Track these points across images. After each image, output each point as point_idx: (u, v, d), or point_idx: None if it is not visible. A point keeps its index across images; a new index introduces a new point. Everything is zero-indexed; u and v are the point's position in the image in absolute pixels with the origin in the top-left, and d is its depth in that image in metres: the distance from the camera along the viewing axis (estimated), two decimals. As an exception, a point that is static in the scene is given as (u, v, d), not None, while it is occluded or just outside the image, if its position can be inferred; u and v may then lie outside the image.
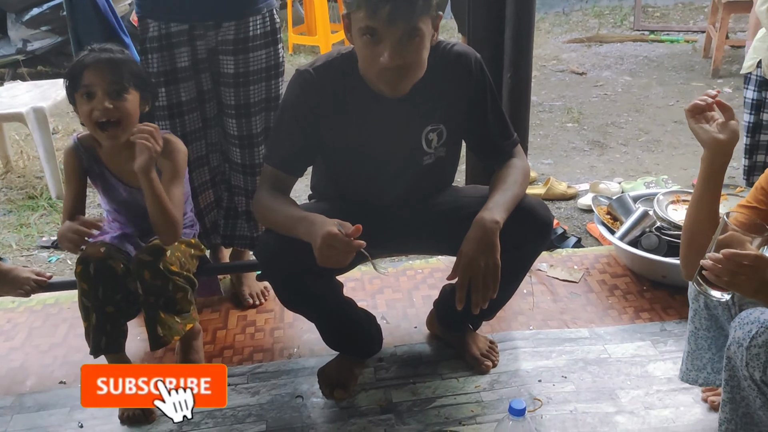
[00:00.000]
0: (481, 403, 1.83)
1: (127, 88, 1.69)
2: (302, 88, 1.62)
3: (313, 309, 1.76)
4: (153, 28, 1.92)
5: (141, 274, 1.69)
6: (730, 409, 1.52)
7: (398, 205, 1.75)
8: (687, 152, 3.76)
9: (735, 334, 1.42)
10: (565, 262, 2.45)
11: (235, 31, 1.98)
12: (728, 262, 1.24)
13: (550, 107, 4.43)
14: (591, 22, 6.46)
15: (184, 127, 2.02)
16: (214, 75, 2.04)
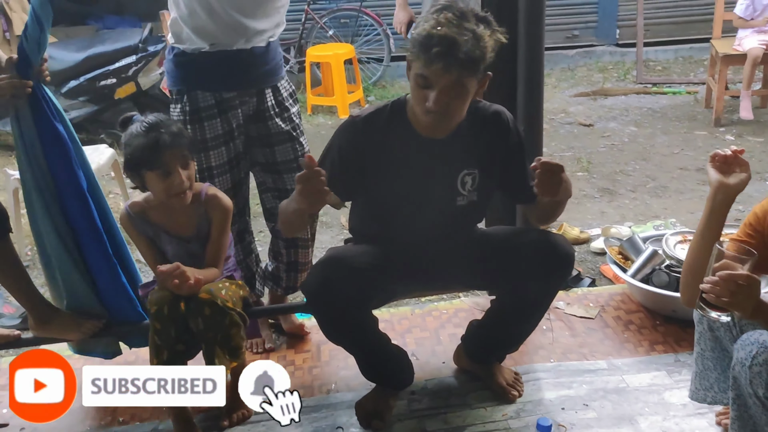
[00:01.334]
0: (509, 430, 1.96)
1: (190, 157, 1.92)
2: (351, 133, 1.83)
3: (354, 341, 1.93)
4: (206, 97, 2.14)
5: (202, 310, 1.88)
6: (739, 426, 1.65)
7: (433, 245, 1.92)
8: (693, 197, 3.94)
9: (738, 355, 1.58)
10: (581, 300, 2.61)
11: (255, 104, 2.23)
12: (725, 282, 1.41)
13: (560, 158, 4.64)
14: (596, 76, 6.74)
15: (236, 177, 2.25)
16: (246, 141, 2.28)
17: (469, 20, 1.61)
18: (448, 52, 1.58)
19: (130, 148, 1.88)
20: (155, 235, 2.02)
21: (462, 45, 1.58)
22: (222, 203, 2.02)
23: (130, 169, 1.91)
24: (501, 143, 1.87)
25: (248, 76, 2.17)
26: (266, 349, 2.41)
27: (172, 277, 1.84)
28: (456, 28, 1.59)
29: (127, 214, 2.00)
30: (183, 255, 2.03)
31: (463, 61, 1.59)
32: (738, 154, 1.63)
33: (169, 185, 1.89)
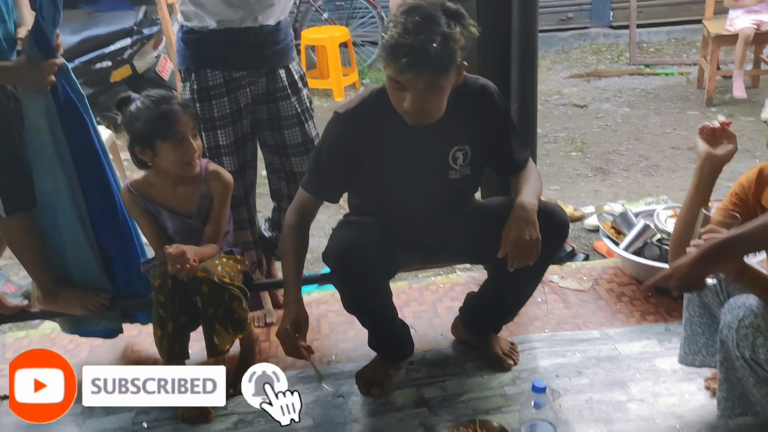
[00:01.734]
0: (505, 396, 2.03)
1: (197, 127, 1.96)
2: (342, 128, 1.85)
3: (371, 310, 1.98)
4: (215, 76, 2.16)
5: (199, 288, 1.92)
6: (726, 388, 1.72)
7: (431, 219, 1.97)
8: (685, 175, 4.00)
9: (725, 318, 1.64)
10: (574, 274, 2.67)
11: (265, 84, 2.25)
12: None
13: (555, 138, 4.70)
14: (589, 58, 6.77)
15: (242, 158, 2.28)
16: (253, 121, 2.31)
17: (437, 22, 1.58)
18: (418, 60, 1.57)
19: (140, 123, 1.90)
20: (156, 211, 2.06)
21: (431, 52, 1.56)
22: (223, 178, 2.06)
23: (142, 142, 1.93)
24: (488, 118, 1.89)
25: (258, 55, 2.19)
26: (267, 324, 2.46)
27: (176, 261, 1.88)
28: (423, 34, 1.57)
29: (128, 191, 2.04)
30: (184, 231, 2.07)
31: (434, 66, 1.59)
32: (725, 127, 1.68)
33: (183, 153, 1.92)
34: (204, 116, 2.17)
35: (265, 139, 2.35)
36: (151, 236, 2.04)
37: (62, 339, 2.47)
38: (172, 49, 5.79)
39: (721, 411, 1.75)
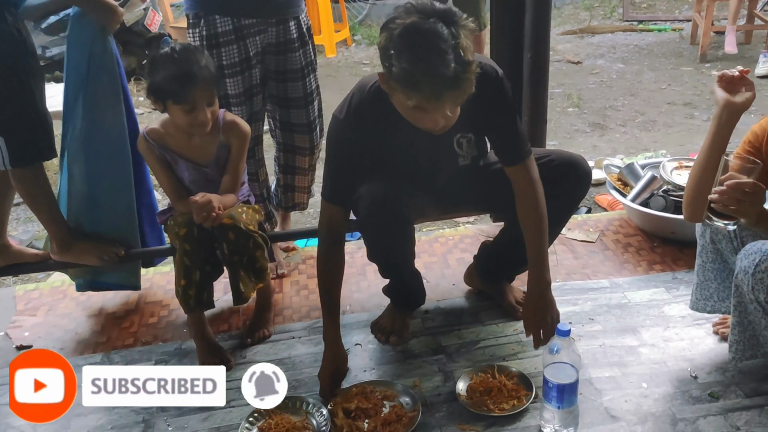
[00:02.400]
0: (521, 343, 2.07)
1: (216, 94, 1.92)
2: (344, 135, 1.81)
3: (397, 257, 1.99)
4: (224, 23, 2.12)
5: (226, 235, 1.92)
6: (739, 331, 1.77)
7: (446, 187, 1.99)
8: (682, 130, 4.04)
9: (741, 263, 1.68)
10: (581, 226, 2.70)
11: (275, 35, 2.22)
12: (732, 191, 1.50)
13: (551, 94, 4.64)
14: (582, 14, 6.75)
15: (252, 108, 2.25)
16: (261, 71, 2.28)
17: (441, 37, 1.49)
18: (441, 87, 1.51)
19: (159, 75, 1.85)
20: (173, 161, 2.03)
21: (450, 74, 1.49)
22: (240, 129, 2.04)
23: (154, 95, 1.89)
24: (493, 105, 1.82)
25: (269, 3, 2.16)
26: (279, 275, 2.48)
27: (203, 209, 1.86)
28: (436, 58, 1.48)
29: (145, 140, 2.01)
30: (201, 181, 2.05)
31: (458, 86, 1.53)
32: (744, 74, 1.69)
33: (193, 120, 1.89)
34: (241, 57, 2.15)
35: (270, 89, 2.34)
36: (168, 186, 2.02)
37: (73, 291, 2.46)
38: (161, 1, 5.65)
39: (733, 353, 1.80)
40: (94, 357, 2.12)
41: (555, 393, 1.67)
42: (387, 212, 1.83)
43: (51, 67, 5.42)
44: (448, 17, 1.53)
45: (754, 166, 1.57)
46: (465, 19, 1.56)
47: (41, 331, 2.26)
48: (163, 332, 2.23)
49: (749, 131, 1.79)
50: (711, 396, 1.82)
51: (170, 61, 1.85)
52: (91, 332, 2.25)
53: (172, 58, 1.85)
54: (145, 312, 2.34)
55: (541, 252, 1.88)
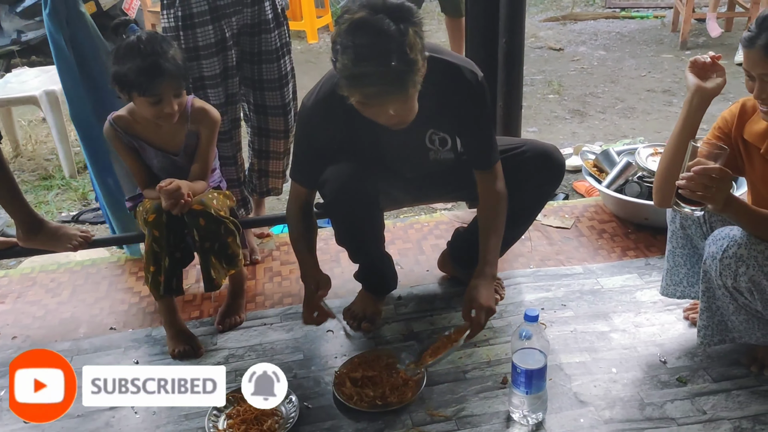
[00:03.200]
0: (493, 329, 2.07)
1: (184, 86, 1.88)
2: (313, 120, 1.80)
3: (364, 240, 1.99)
4: (199, 3, 2.08)
5: (197, 221, 1.89)
6: (707, 317, 1.78)
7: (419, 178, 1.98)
8: (660, 117, 4.05)
9: (709, 249, 1.68)
10: (557, 212, 2.70)
11: (250, 15, 2.19)
12: (700, 177, 1.50)
13: (532, 81, 4.68)
14: (565, 1, 6.73)
15: (227, 90, 2.23)
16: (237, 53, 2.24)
17: (386, 34, 1.47)
18: (382, 86, 1.49)
19: (124, 66, 1.80)
20: (141, 148, 2.00)
21: (392, 73, 1.47)
22: (210, 116, 2.01)
23: (119, 84, 1.84)
24: (468, 109, 1.80)
25: None
26: (252, 261, 2.46)
27: (172, 196, 1.83)
28: (379, 56, 1.46)
29: (112, 127, 1.96)
30: (170, 169, 2.02)
31: (400, 84, 1.51)
32: (715, 60, 1.69)
33: (158, 112, 1.85)
34: (188, 45, 2.10)
35: (244, 71, 2.31)
36: (137, 172, 1.99)
37: (43, 278, 2.43)
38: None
39: (701, 338, 1.81)
40: (63, 344, 2.09)
41: (523, 378, 1.67)
42: (353, 193, 1.83)
43: (26, 52, 5.34)
44: (397, 13, 1.50)
45: (722, 152, 1.57)
46: (417, 16, 1.53)
47: (9, 319, 2.23)
48: (133, 319, 2.20)
49: (719, 117, 1.79)
50: (679, 380, 1.83)
51: (136, 52, 1.80)
52: (60, 319, 2.22)
53: (138, 49, 1.80)
54: (115, 299, 2.31)
55: (491, 248, 1.89)
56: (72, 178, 3.55)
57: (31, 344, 2.10)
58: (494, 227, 1.90)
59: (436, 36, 5.89)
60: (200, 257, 1.95)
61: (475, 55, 2.42)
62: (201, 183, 2.01)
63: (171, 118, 1.88)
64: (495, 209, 1.89)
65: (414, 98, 1.62)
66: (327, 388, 1.86)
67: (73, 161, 3.59)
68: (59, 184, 3.50)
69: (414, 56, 1.51)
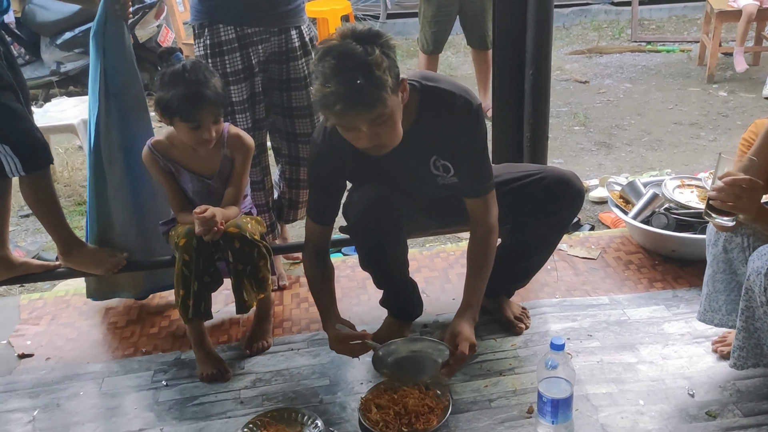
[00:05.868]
0: (518, 358, 2.07)
1: (221, 114, 1.96)
2: (322, 158, 1.86)
3: (389, 264, 2.01)
4: (227, 31, 2.18)
5: (232, 243, 1.95)
6: (744, 337, 1.75)
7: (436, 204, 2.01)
8: (687, 150, 4.04)
9: (754, 264, 1.66)
10: (583, 243, 2.70)
11: (277, 44, 2.26)
12: (730, 187, 1.52)
13: (557, 113, 4.71)
14: (590, 35, 6.78)
15: (255, 116, 2.30)
16: (264, 81, 2.32)
17: (352, 56, 1.54)
18: (349, 102, 1.54)
19: (168, 92, 1.88)
20: (177, 172, 2.06)
21: (357, 89, 1.53)
22: (244, 143, 2.07)
23: (162, 109, 1.92)
24: (464, 137, 1.83)
25: (270, 12, 2.21)
26: (280, 287, 2.49)
27: (206, 223, 1.88)
28: (343, 74, 1.53)
29: (150, 151, 2.04)
30: (204, 192, 2.08)
31: (367, 101, 1.56)
32: None
33: (198, 137, 1.92)
34: (244, 65, 2.20)
35: (273, 99, 2.38)
36: (171, 197, 2.06)
37: (77, 300, 2.49)
38: (174, 18, 5.74)
39: (735, 360, 1.79)
40: (95, 366, 2.14)
41: (549, 408, 1.66)
42: (377, 216, 1.86)
43: (65, 82, 5.52)
44: (363, 36, 1.58)
45: (751, 163, 1.58)
46: (385, 38, 1.59)
47: (43, 340, 2.29)
48: (164, 342, 2.24)
49: (748, 129, 1.80)
50: (708, 415, 1.80)
51: (180, 79, 1.88)
52: (92, 341, 2.27)
53: (183, 77, 1.88)
54: (146, 322, 2.36)
55: (476, 290, 1.92)
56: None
57: (64, 365, 2.15)
58: (482, 265, 1.91)
59: (462, 68, 5.97)
60: (233, 279, 2.00)
61: (502, 88, 2.47)
62: (233, 209, 2.06)
63: (208, 143, 1.94)
64: (483, 243, 1.91)
65: (392, 120, 1.64)
66: (353, 413, 1.87)
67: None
68: (93, 210, 3.59)
69: (380, 74, 1.55)
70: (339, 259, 2.71)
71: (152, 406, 1.95)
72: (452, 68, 6.02)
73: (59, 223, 2.16)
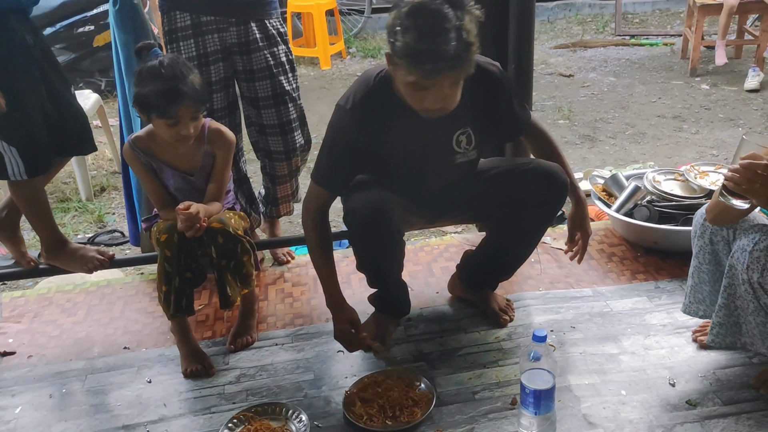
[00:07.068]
0: (502, 350, 2.08)
1: (201, 110, 1.94)
2: (348, 124, 1.83)
3: (387, 267, 2.02)
4: (183, 18, 2.19)
5: (215, 239, 1.94)
6: (724, 314, 1.78)
7: (438, 193, 2.01)
8: (670, 143, 4.07)
9: (739, 242, 1.67)
10: (566, 236, 2.71)
11: (236, 35, 2.27)
12: (746, 170, 1.52)
13: (542, 106, 4.73)
14: (575, 29, 6.81)
15: (212, 105, 2.29)
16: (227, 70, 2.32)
17: (446, 17, 1.55)
18: (442, 63, 1.56)
19: (144, 89, 1.86)
20: (158, 168, 2.05)
21: (452, 52, 1.55)
22: (225, 138, 2.06)
23: (139, 105, 1.90)
24: (492, 100, 1.88)
25: (228, 2, 2.22)
26: None
27: (189, 220, 1.87)
28: (440, 36, 1.54)
29: (130, 148, 2.02)
30: (186, 189, 2.07)
31: (459, 64, 1.59)
32: None
33: (176, 134, 1.90)
34: (198, 52, 2.22)
35: (242, 90, 2.39)
36: (153, 193, 2.04)
37: (59, 298, 2.48)
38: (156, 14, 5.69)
39: (713, 336, 1.82)
40: (78, 363, 2.13)
41: (532, 399, 1.67)
42: (378, 228, 1.86)
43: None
44: (455, 1, 1.59)
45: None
46: (471, 5, 1.63)
47: (26, 338, 2.27)
48: (147, 339, 2.23)
49: None
50: (689, 404, 1.82)
51: (157, 75, 1.86)
52: (75, 339, 2.26)
53: (159, 73, 1.86)
54: (130, 319, 2.35)
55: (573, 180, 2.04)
56: (89, 201, 3.62)
57: (46, 363, 2.14)
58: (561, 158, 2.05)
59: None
60: (216, 275, 1.99)
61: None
62: (216, 205, 2.05)
63: (187, 140, 1.93)
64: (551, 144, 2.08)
65: (461, 85, 1.68)
66: (337, 407, 1.87)
67: (90, 185, 3.66)
68: (76, 207, 3.56)
69: (470, 39, 1.59)
70: (324, 253, 2.70)
71: (136, 402, 1.94)
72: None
73: (49, 223, 2.15)
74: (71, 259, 2.17)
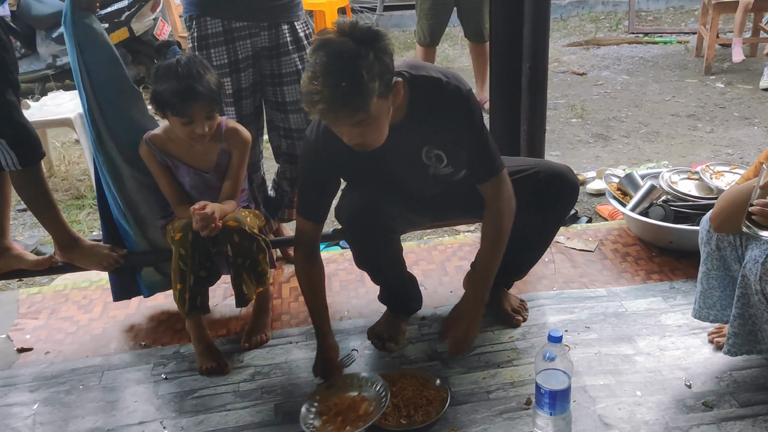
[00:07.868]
0: (516, 350, 2.08)
1: (217, 109, 1.95)
2: (313, 152, 1.83)
3: (382, 263, 2.01)
4: (214, 24, 2.18)
5: (231, 237, 1.95)
6: (739, 324, 1.77)
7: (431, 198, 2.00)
8: (684, 141, 4.04)
9: (752, 253, 1.67)
10: (580, 235, 2.71)
11: (268, 39, 2.26)
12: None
13: (555, 105, 4.71)
14: (588, 26, 6.77)
15: (241, 111, 2.29)
16: (255, 75, 2.32)
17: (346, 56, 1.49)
18: (331, 105, 1.51)
19: (161, 86, 1.88)
20: (174, 166, 2.06)
21: (341, 94, 1.49)
22: (242, 137, 2.07)
23: (155, 103, 1.92)
24: (458, 125, 1.81)
25: (258, 7, 2.21)
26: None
27: (204, 220, 1.88)
28: (331, 76, 1.48)
29: (147, 145, 2.04)
30: (201, 186, 2.08)
31: (350, 106, 1.52)
32: None
33: (190, 132, 1.92)
34: (230, 59, 2.20)
35: (267, 94, 2.37)
36: (169, 191, 2.05)
37: (75, 294, 2.50)
38: (170, 11, 5.73)
39: (729, 346, 1.81)
40: (94, 359, 2.15)
41: (547, 399, 1.67)
42: (367, 221, 1.86)
43: (61, 76, 5.50)
44: (362, 36, 1.52)
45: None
46: (383, 41, 1.55)
47: (42, 334, 2.29)
48: (163, 335, 2.25)
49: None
50: (705, 405, 1.82)
51: (173, 73, 1.87)
52: (92, 335, 2.28)
53: (176, 72, 1.87)
54: (146, 315, 2.36)
55: (488, 269, 1.90)
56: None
57: (63, 359, 2.16)
58: (493, 242, 1.87)
59: (459, 61, 5.96)
60: (232, 273, 2.00)
61: (499, 80, 2.47)
62: (231, 203, 2.06)
63: (202, 138, 1.94)
64: (493, 225, 1.87)
65: (376, 124, 1.61)
66: (351, 406, 1.88)
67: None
68: (91, 204, 3.59)
69: (368, 80, 1.51)
70: (337, 252, 2.72)
71: (152, 399, 1.96)
72: (449, 61, 6.01)
73: (55, 219, 2.14)
74: (86, 257, 2.18)
